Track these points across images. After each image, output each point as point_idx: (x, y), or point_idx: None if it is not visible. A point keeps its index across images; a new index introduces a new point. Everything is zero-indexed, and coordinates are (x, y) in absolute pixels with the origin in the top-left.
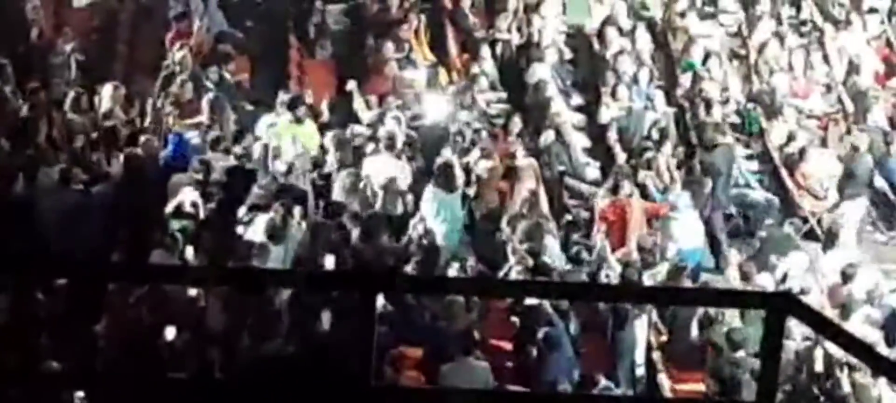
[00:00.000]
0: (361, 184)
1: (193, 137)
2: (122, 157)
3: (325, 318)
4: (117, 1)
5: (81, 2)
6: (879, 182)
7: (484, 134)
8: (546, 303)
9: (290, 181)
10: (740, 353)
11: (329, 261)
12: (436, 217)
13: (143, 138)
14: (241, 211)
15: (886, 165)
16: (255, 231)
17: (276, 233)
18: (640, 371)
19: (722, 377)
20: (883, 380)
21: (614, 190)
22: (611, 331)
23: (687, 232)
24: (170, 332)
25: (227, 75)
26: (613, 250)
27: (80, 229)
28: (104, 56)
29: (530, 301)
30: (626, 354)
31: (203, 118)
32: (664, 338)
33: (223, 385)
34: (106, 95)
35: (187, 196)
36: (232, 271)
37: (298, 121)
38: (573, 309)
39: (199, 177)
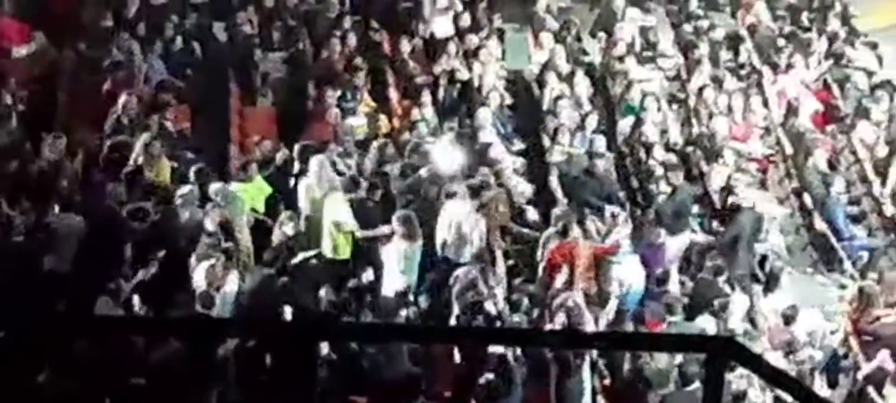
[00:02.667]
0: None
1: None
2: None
3: (269, 366)
4: (57, 51)
5: (21, 52)
6: (820, 224)
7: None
8: (494, 349)
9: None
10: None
11: (287, 312)
12: (396, 265)
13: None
14: (191, 260)
15: (827, 207)
16: (197, 279)
17: (215, 282)
18: None
19: None
20: None
21: (563, 233)
22: (557, 378)
23: (629, 275)
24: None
25: (168, 124)
26: (558, 294)
27: (24, 277)
28: (45, 106)
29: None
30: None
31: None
32: (607, 382)
33: None
34: (46, 145)
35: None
36: (175, 321)
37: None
38: (520, 355)
39: (136, 225)
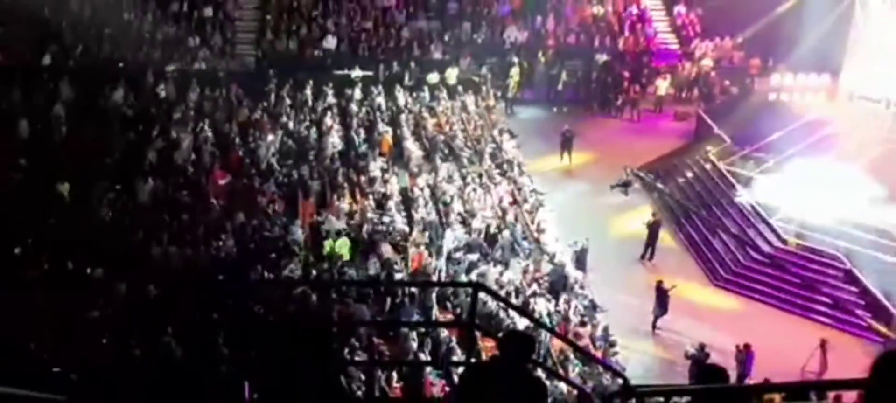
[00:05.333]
0: None
1: None
2: None
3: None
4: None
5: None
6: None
7: None
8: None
9: None
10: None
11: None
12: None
13: None
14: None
15: (513, 234)
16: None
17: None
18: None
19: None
20: (516, 315)
21: (416, 247)
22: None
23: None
24: None
25: (274, 206)
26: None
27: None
28: (236, 203)
29: None
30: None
31: None
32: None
33: None
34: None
35: None
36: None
37: None
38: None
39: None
